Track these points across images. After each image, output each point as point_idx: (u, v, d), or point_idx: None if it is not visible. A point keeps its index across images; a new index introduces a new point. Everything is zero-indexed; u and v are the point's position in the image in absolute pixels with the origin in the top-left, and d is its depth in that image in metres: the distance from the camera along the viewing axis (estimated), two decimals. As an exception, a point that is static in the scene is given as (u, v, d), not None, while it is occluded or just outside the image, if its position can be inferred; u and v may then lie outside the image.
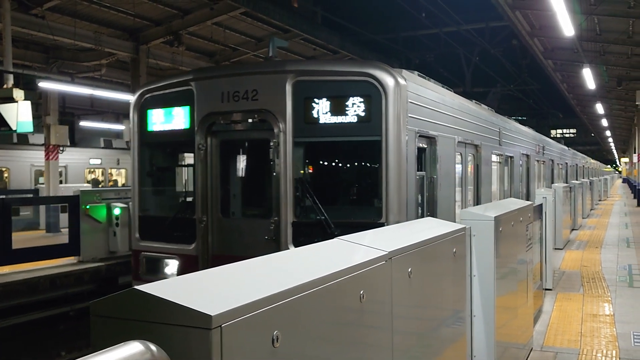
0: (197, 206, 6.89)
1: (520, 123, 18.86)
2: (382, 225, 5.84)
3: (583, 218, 21.38)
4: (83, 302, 9.89)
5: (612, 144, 76.42)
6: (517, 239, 5.45)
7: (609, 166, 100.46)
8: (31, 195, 18.97)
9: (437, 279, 3.51)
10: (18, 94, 11.05)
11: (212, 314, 1.56)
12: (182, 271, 6.72)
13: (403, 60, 28.22)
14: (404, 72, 6.47)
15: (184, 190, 7.90)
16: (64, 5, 14.53)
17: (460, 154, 8.69)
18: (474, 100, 11.66)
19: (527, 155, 15.06)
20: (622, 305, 8.03)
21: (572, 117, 57.33)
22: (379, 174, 6.12)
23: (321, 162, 7.29)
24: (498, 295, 4.56)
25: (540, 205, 8.33)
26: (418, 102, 6.56)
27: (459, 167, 8.66)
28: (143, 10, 15.77)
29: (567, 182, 21.64)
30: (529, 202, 6.47)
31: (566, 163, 26.59)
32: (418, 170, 6.65)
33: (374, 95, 6.08)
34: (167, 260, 7.12)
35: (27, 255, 10.45)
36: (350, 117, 6.15)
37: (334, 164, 7.45)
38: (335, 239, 2.94)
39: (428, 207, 7.12)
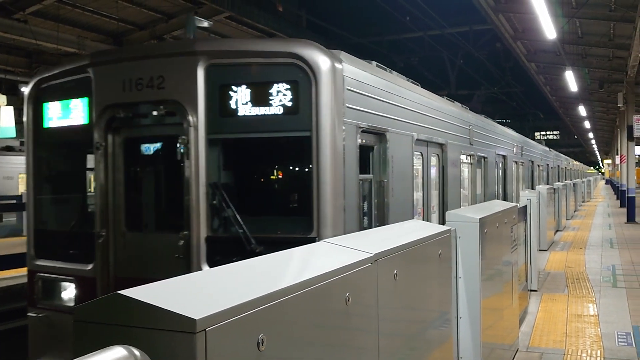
0: (96, 218, 5.71)
1: (504, 125, 18.87)
2: (313, 240, 4.71)
3: (567, 219, 21.59)
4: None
5: (594, 146, 77.27)
6: (502, 241, 5.49)
7: (592, 168, 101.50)
8: (14, 202, 18.80)
9: (422, 281, 3.52)
10: (0, 99, 10.95)
11: (196, 318, 1.55)
12: (79, 297, 5.68)
13: (388, 63, 28.30)
14: (343, 54, 5.45)
15: (85, 198, 6.56)
16: (47, 9, 14.43)
17: (421, 154, 7.74)
18: (453, 101, 10.87)
19: (504, 156, 13.99)
20: (606, 306, 8.10)
21: (556, 119, 57.89)
22: (309, 178, 5.05)
23: (241, 164, 5.91)
24: (484, 296, 4.58)
25: (525, 207, 8.39)
26: (361, 91, 5.59)
27: (419, 169, 7.76)
28: (127, 15, 15.71)
29: (548, 185, 20.04)
30: (513, 204, 6.51)
31: (547, 164, 25.56)
32: (362, 172, 5.69)
33: (301, 81, 5.02)
34: (64, 284, 5.91)
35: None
36: (275, 108, 5.08)
37: (256, 165, 6.08)
38: (320, 242, 2.93)
39: (378, 215, 6.17)
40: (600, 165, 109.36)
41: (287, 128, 5.14)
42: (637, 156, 23.99)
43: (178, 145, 5.28)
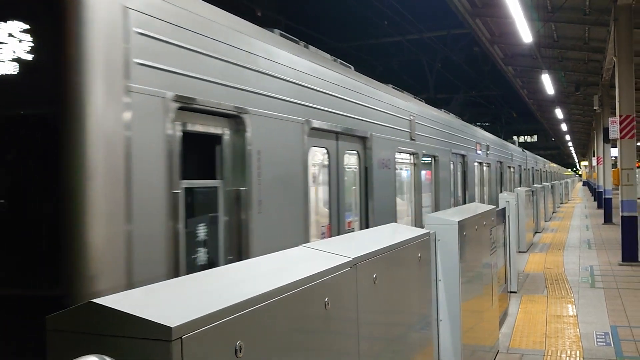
0: None
1: (484, 129, 18.78)
2: (61, 301, 2.71)
3: (546, 221, 21.82)
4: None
5: (572, 148, 78.33)
6: (481, 243, 5.52)
7: (569, 170, 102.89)
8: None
9: (402, 284, 3.52)
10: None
11: (171, 326, 1.53)
12: None
13: (368, 68, 28.49)
14: None
15: None
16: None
17: (327, 150, 5.81)
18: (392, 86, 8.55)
19: (462, 156, 12.07)
20: (584, 306, 8.20)
21: (534, 122, 58.57)
22: (53, 190, 2.99)
23: None
24: (463, 299, 4.60)
25: (504, 209, 8.46)
26: (175, 40, 3.47)
27: (316, 171, 5.85)
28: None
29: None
30: (492, 207, 6.55)
31: (519, 166, 23.44)
32: (197, 176, 3.90)
33: (43, 15, 3.00)
34: None
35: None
36: (8, 65, 3.02)
37: None
38: (299, 246, 2.92)
39: (230, 243, 4.05)
40: (578, 167, 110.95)
41: (21, 100, 3.07)
42: (613, 158, 24.35)
43: None
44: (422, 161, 9.20)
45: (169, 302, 1.80)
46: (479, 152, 13.93)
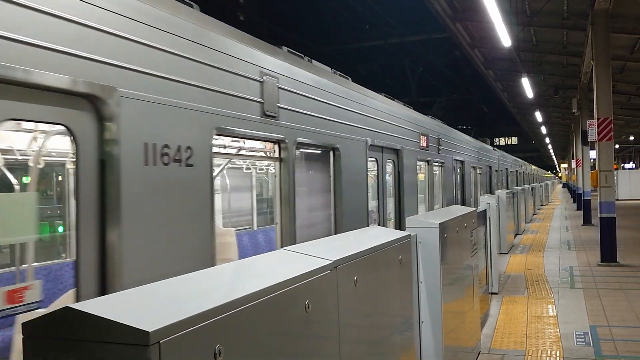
0: None
1: (465, 133, 18.64)
2: None
3: (526, 223, 22.04)
4: None
5: (551, 151, 79.23)
6: (462, 245, 5.56)
7: (549, 172, 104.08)
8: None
9: (383, 286, 3.53)
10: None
11: (149, 330, 1.52)
12: None
13: (351, 71, 28.61)
14: None
15: None
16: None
17: (376, 160, 6.11)
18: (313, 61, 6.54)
19: (396, 151, 8.76)
20: (564, 306, 8.29)
21: (514, 125, 59.16)
22: None
23: None
24: (445, 300, 4.63)
25: (484, 211, 8.53)
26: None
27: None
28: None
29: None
30: (472, 209, 6.60)
31: (489, 167, 20.41)
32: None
33: None
34: None
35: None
36: None
37: None
38: (279, 249, 2.92)
39: None
40: (558, 169, 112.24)
41: None
42: (592, 160, 24.68)
43: None
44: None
45: (147, 306, 1.79)
46: (426, 147, 10.52)
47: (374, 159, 7.82)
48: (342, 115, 6.61)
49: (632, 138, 45.59)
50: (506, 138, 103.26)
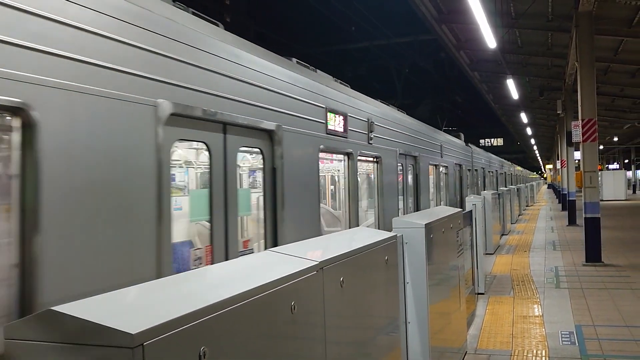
0: None
1: (451, 134, 18.68)
2: None
3: (512, 223, 22.18)
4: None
5: (537, 152, 79.88)
6: (448, 246, 5.58)
7: (534, 173, 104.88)
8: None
9: (370, 287, 3.53)
10: None
11: (132, 332, 1.51)
12: None
13: (338, 73, 28.66)
14: None
15: None
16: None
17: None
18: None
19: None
20: (550, 306, 8.35)
21: (500, 126, 59.55)
22: None
23: None
24: (431, 301, 4.65)
25: (470, 212, 8.58)
26: None
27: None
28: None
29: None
30: (458, 210, 6.63)
31: (459, 165, 17.55)
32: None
33: None
34: None
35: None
36: None
37: None
38: (265, 251, 2.91)
39: None
40: (543, 170, 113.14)
41: None
42: (576, 161, 24.91)
43: None
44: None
45: (131, 308, 1.78)
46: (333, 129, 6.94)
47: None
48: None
49: (616, 139, 46.08)
50: (492, 139, 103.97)
